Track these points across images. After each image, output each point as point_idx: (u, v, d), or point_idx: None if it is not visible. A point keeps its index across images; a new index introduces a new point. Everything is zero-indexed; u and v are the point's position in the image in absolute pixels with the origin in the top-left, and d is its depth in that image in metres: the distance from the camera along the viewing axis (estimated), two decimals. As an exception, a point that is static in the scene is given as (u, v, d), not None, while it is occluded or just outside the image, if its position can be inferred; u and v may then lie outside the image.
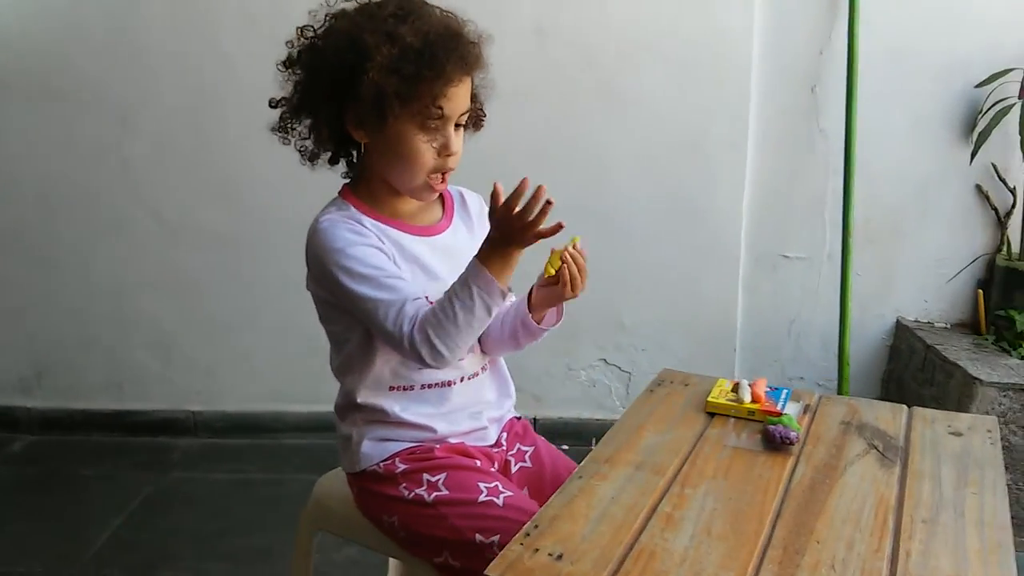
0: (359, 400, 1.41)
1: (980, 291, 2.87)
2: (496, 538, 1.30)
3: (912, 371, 2.83)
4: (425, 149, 1.33)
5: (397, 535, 1.41)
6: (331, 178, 1.48)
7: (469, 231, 1.47)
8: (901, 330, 2.95)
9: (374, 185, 1.40)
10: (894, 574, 1.08)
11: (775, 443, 1.39)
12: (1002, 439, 2.30)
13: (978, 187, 2.85)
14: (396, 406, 1.41)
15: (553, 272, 1.37)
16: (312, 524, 1.63)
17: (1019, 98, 2.68)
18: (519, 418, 1.61)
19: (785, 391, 1.56)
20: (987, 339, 2.79)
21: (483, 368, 1.50)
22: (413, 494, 1.38)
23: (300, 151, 1.41)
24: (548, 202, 1.19)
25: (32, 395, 2.99)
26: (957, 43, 2.72)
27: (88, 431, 2.96)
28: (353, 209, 1.37)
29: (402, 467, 1.40)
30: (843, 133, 2.74)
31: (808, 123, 2.80)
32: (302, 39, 1.35)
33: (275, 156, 1.50)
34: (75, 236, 2.87)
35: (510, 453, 1.53)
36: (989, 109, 2.73)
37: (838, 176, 2.78)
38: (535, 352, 2.53)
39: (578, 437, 2.91)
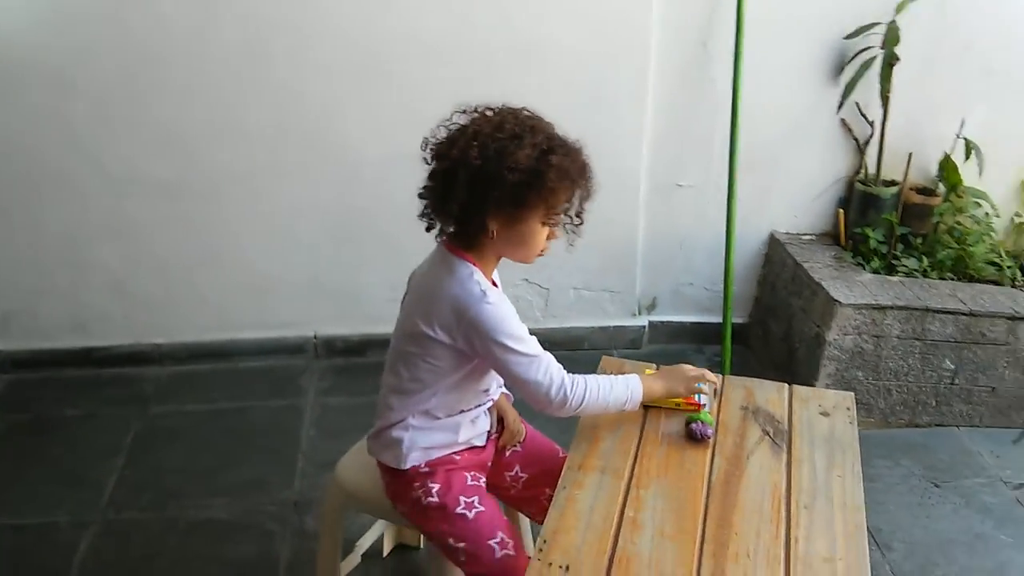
0: (423, 410, 1.80)
1: (841, 210, 3.39)
2: (461, 544, 1.77)
3: (784, 281, 3.37)
4: (543, 237, 1.71)
5: (405, 516, 1.87)
6: (271, 132, 2.15)
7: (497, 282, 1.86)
8: (774, 242, 3.47)
9: (487, 256, 1.75)
10: (788, 558, 1.58)
11: (696, 438, 1.86)
12: (856, 346, 2.89)
13: (843, 121, 3.30)
14: (456, 427, 1.82)
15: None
16: (339, 504, 2.02)
17: (881, 48, 3.11)
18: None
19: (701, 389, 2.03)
20: (847, 253, 3.33)
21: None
22: (418, 496, 1.81)
23: (427, 224, 1.76)
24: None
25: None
26: (830, 1, 3.10)
27: (59, 368, 3.21)
28: (479, 273, 1.72)
29: (423, 470, 1.82)
30: (730, 80, 3.11)
31: (700, 73, 3.16)
32: (462, 151, 1.62)
33: (215, 108, 1.78)
34: (25, 191, 3.02)
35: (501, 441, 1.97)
36: (855, 57, 3.15)
37: (724, 117, 3.17)
38: None
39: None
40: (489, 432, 1.94)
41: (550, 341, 3.04)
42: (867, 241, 3.29)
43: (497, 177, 1.60)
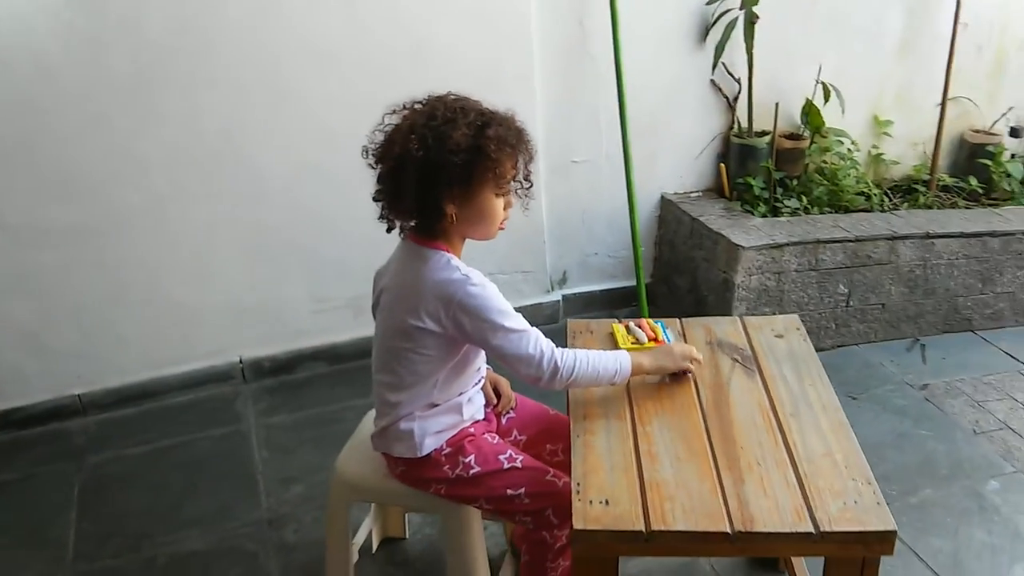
0: (428, 403, 1.86)
1: (722, 164, 3.64)
2: (522, 490, 1.85)
3: (682, 237, 3.58)
4: (500, 208, 1.78)
5: (440, 495, 1.92)
6: (172, 160, 2.47)
7: None
8: (666, 203, 3.68)
9: (454, 240, 1.81)
10: (793, 459, 1.75)
11: (676, 374, 2.01)
12: (761, 285, 3.11)
13: (712, 82, 3.54)
14: (459, 408, 1.90)
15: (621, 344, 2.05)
16: (344, 498, 2.06)
17: (740, 10, 3.36)
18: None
19: (660, 323, 2.18)
20: (734, 203, 3.57)
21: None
22: (455, 473, 1.88)
23: (388, 224, 1.81)
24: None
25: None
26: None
27: (-26, 436, 3.05)
28: (455, 258, 1.79)
29: (446, 451, 1.88)
30: (608, 56, 3.29)
31: (581, 51, 3.33)
32: (402, 147, 1.69)
33: (111, 143, 1.84)
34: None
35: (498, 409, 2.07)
36: (718, 20, 3.39)
37: (607, 91, 3.35)
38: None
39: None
40: (485, 404, 2.03)
41: None
42: (750, 189, 3.55)
43: (442, 163, 1.68)
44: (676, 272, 3.65)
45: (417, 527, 2.57)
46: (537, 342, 1.80)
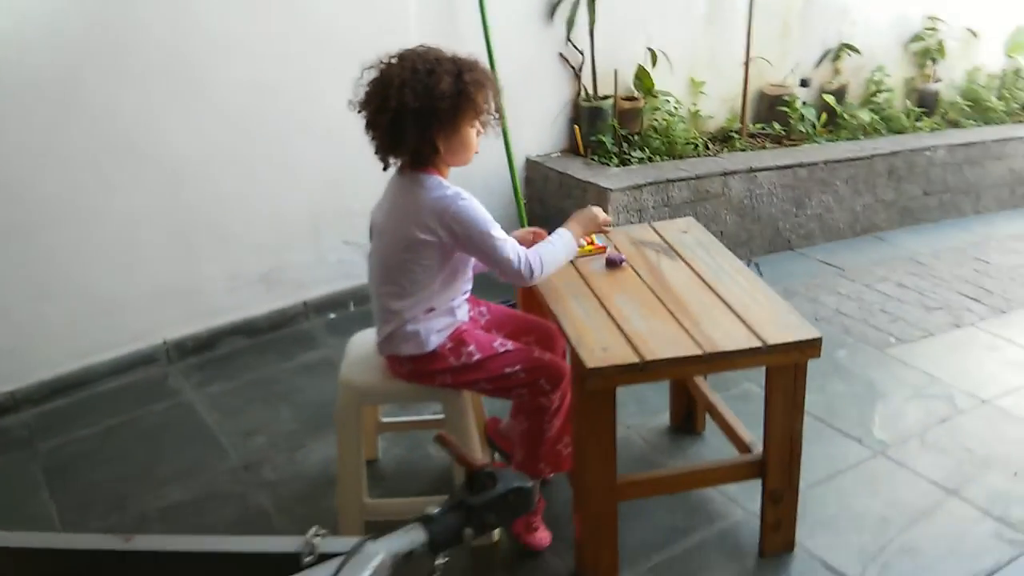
0: (427, 308, 2.19)
1: (576, 126, 4.14)
2: (518, 367, 2.23)
3: (551, 191, 4.06)
4: (475, 139, 2.16)
5: (446, 385, 2.26)
6: (89, 152, 2.76)
7: None
8: (531, 164, 4.15)
9: (441, 167, 2.17)
10: (728, 304, 2.23)
11: (615, 264, 2.46)
12: (626, 222, 3.62)
13: (561, 55, 4.05)
14: (452, 310, 2.24)
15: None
16: (355, 404, 2.35)
17: (580, -11, 3.88)
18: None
19: (595, 235, 2.62)
20: (590, 158, 4.09)
21: None
22: (460, 362, 2.22)
23: (386, 163, 2.15)
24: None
25: None
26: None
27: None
28: (445, 180, 2.15)
29: (449, 345, 2.23)
30: (477, 35, 3.71)
31: (452, 31, 3.72)
32: (398, 100, 2.03)
33: (30, 137, 2.57)
34: None
35: (478, 310, 2.42)
36: (561, 0, 3.90)
37: (478, 65, 3.76)
38: (297, 251, 3.34)
39: (341, 306, 3.75)
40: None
41: None
42: (602, 145, 4.08)
43: (434, 109, 2.06)
44: (550, 223, 4.07)
45: (386, 448, 2.87)
46: (514, 247, 2.18)
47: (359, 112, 2.15)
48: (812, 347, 2.09)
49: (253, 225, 3.47)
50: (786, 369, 2.14)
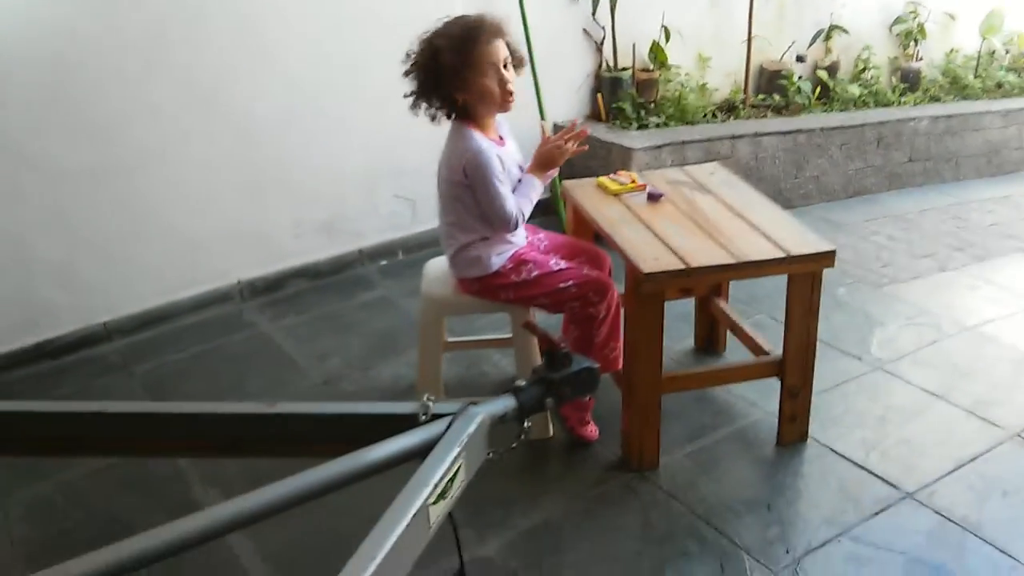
0: (482, 236, 2.60)
1: (599, 94, 4.57)
2: (571, 282, 2.62)
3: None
4: (495, 86, 2.51)
5: (509, 300, 2.67)
6: (175, 110, 3.21)
7: (512, 140, 2.68)
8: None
9: (480, 118, 2.55)
10: (755, 226, 2.66)
11: (656, 198, 2.88)
12: (658, 167, 4.04)
13: (584, 30, 4.47)
14: (507, 237, 2.65)
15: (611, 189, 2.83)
16: (435, 312, 2.76)
17: (604, -30, 4.30)
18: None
19: (631, 174, 3.05)
20: (612, 123, 4.51)
21: None
22: (521, 278, 2.63)
23: (430, 117, 2.53)
24: (583, 132, 2.53)
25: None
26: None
27: (8, 371, 3.37)
28: (477, 133, 2.52)
29: (509, 266, 2.64)
30: (515, 12, 4.11)
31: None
32: (413, 63, 2.47)
33: (128, 94, 3.09)
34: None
35: (536, 237, 2.83)
36: (587, -21, 4.32)
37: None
38: (353, 203, 3.71)
39: (392, 254, 4.16)
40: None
41: (420, 244, 3.92)
42: (622, 112, 4.50)
43: (440, 71, 2.44)
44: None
45: (447, 368, 3.28)
46: (512, 203, 2.54)
47: (406, 76, 2.55)
48: (827, 258, 2.52)
49: (315, 178, 3.87)
50: (805, 277, 2.57)
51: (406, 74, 2.51)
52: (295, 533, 2.45)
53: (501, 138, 2.66)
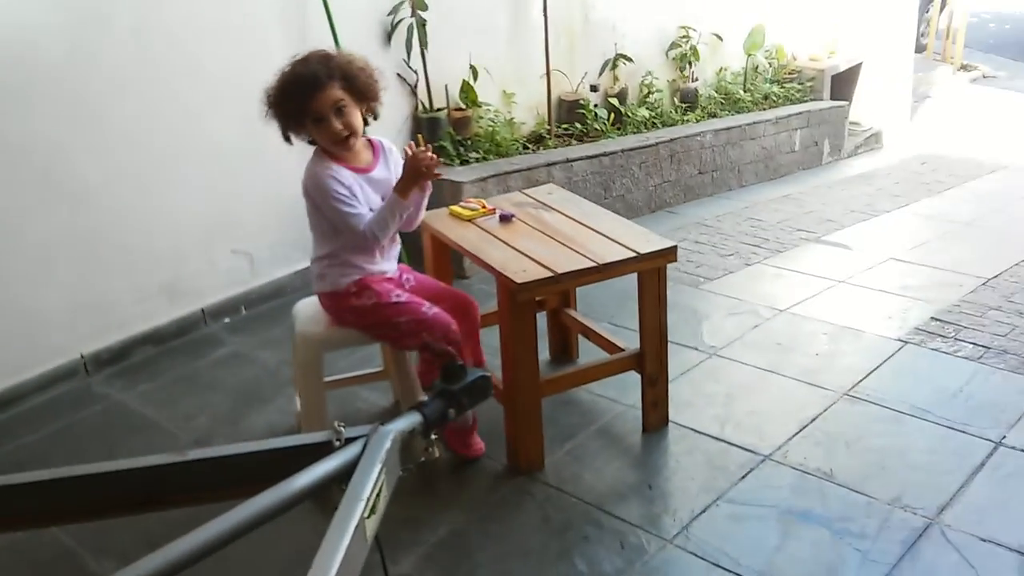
0: (331, 255, 2.71)
1: (419, 135, 4.75)
2: (405, 318, 2.70)
3: (404, 193, 4.63)
4: (323, 133, 2.62)
5: (353, 326, 2.79)
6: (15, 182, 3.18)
7: (387, 168, 2.80)
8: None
9: (328, 149, 2.67)
10: (604, 234, 2.92)
11: (508, 219, 3.10)
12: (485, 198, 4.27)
13: (398, 75, 4.66)
14: (358, 261, 2.74)
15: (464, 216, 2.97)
16: (313, 354, 2.83)
17: (411, 17, 4.51)
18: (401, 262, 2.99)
19: (480, 200, 3.25)
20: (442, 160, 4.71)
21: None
22: (360, 302, 2.72)
23: (308, 143, 2.67)
24: (434, 155, 2.68)
25: None
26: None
27: None
28: (324, 156, 2.65)
29: (353, 289, 2.73)
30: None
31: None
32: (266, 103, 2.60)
33: None
34: None
35: (405, 277, 2.95)
36: (398, 25, 4.52)
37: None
38: (192, 260, 3.74)
39: (235, 310, 4.16)
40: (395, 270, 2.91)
41: (262, 297, 3.97)
42: (443, 150, 4.72)
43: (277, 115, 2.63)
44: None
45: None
46: (359, 220, 2.65)
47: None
48: (670, 253, 2.82)
49: (153, 240, 3.83)
50: (652, 272, 2.85)
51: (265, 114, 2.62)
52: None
53: (368, 166, 2.75)
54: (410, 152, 2.65)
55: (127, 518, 1.94)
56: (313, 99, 2.56)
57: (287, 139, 2.67)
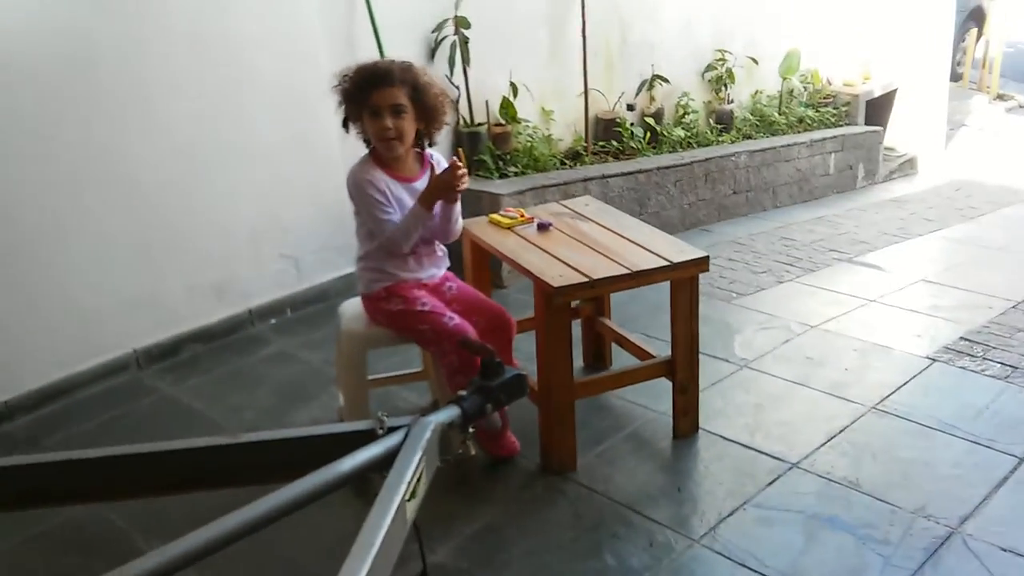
0: (368, 256, 2.85)
1: (459, 148, 4.90)
2: (426, 327, 2.79)
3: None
4: (369, 129, 2.77)
5: (384, 325, 2.90)
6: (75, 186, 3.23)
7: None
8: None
9: (379, 151, 2.81)
10: (639, 244, 3.03)
11: (545, 227, 3.21)
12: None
13: (442, 89, 4.80)
14: (390, 266, 2.86)
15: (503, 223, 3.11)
16: (358, 352, 2.94)
17: (454, 35, 4.66)
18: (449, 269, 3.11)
19: (519, 209, 3.38)
20: (475, 174, 4.85)
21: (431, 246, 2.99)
22: (389, 307, 2.84)
23: (363, 141, 2.83)
24: (462, 169, 2.75)
25: None
26: (413, 10, 4.57)
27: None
28: (369, 160, 2.80)
29: (383, 294, 2.85)
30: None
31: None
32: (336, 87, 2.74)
33: (13, 173, 3.09)
34: None
35: (448, 285, 3.05)
36: (441, 43, 4.66)
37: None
38: (242, 262, 3.86)
39: (281, 312, 4.30)
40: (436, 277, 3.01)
41: (307, 300, 4.11)
42: (484, 163, 4.85)
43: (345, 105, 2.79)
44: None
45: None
46: (388, 226, 2.74)
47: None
48: (703, 263, 2.92)
49: (204, 242, 3.99)
50: (685, 281, 2.95)
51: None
52: (250, 567, 2.56)
53: (414, 176, 2.87)
54: (457, 162, 2.76)
55: (176, 501, 2.08)
56: (377, 91, 2.69)
57: (344, 125, 2.82)
